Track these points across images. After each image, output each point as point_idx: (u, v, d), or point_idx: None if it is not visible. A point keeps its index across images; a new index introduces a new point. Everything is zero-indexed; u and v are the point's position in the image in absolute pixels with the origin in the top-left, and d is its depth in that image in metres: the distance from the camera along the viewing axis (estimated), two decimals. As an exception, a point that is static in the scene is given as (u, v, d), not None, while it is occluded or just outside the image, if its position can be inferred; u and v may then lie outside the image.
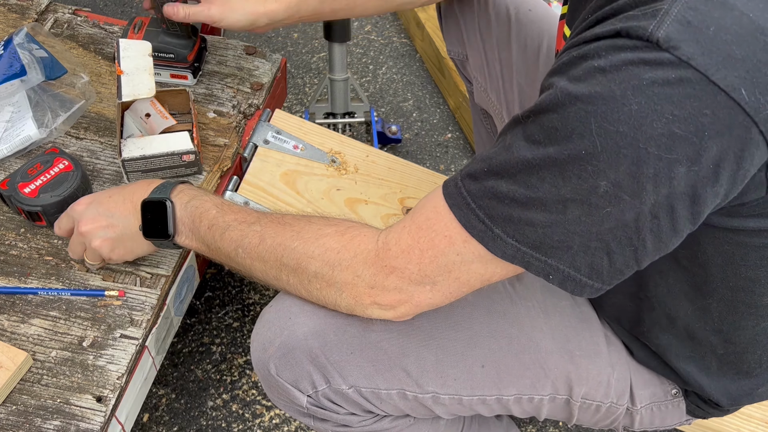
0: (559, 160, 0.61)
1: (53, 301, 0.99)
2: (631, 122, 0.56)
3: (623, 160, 0.58)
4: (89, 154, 1.15)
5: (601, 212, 0.61)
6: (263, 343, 0.86)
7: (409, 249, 0.72)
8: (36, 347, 0.95)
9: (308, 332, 0.84)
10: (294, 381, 0.86)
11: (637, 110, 0.56)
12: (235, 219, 0.82)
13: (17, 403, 0.90)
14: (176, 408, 1.41)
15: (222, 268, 1.60)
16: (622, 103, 0.56)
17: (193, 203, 0.87)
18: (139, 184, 0.93)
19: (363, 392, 0.86)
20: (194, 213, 0.86)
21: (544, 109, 0.61)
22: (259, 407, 1.42)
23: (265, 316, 0.88)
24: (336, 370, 0.84)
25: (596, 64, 0.58)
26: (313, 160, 1.22)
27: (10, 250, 1.03)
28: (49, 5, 1.36)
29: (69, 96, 1.18)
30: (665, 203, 0.60)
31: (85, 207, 0.94)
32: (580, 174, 0.60)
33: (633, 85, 0.56)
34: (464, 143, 1.92)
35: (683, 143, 0.57)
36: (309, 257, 0.77)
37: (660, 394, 0.92)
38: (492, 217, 0.66)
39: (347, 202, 1.18)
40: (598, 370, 0.89)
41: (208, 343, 1.50)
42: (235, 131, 1.21)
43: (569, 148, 0.60)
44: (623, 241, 0.63)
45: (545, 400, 0.91)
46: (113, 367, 0.94)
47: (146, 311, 0.99)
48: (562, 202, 0.62)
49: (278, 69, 1.34)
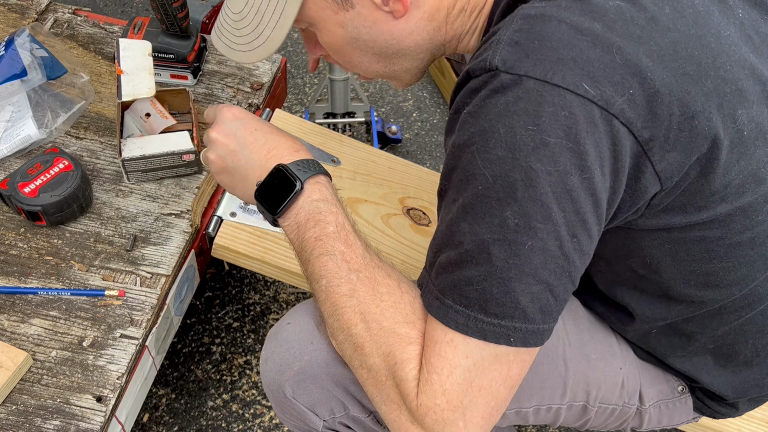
0: (467, 204, 0.64)
1: (53, 301, 0.99)
2: (504, 144, 0.61)
3: (516, 184, 0.61)
4: (89, 153, 1.15)
5: (524, 248, 0.62)
6: (280, 365, 0.83)
7: (428, 376, 0.67)
8: (36, 347, 0.95)
9: (330, 360, 0.81)
10: (311, 405, 0.84)
11: (504, 132, 0.61)
12: (342, 252, 0.75)
13: (17, 402, 0.90)
14: (176, 408, 1.41)
15: (222, 268, 1.60)
16: (491, 131, 0.61)
17: (320, 205, 0.78)
18: (288, 141, 0.83)
19: (380, 418, 0.85)
20: (313, 215, 0.78)
21: (449, 169, 0.67)
22: (259, 407, 1.42)
23: (282, 334, 0.85)
24: (355, 399, 0.83)
25: (466, 111, 0.65)
26: (313, 159, 1.22)
27: (10, 249, 1.03)
28: (49, 5, 1.36)
29: (69, 96, 1.18)
30: (576, 219, 0.62)
31: (232, 119, 0.84)
32: (486, 210, 0.62)
33: (495, 113, 0.61)
34: (464, 143, 1.92)
35: (562, 151, 0.60)
36: (371, 352, 0.72)
37: (667, 392, 0.91)
38: (442, 290, 0.66)
39: (347, 202, 1.18)
40: (613, 371, 0.89)
41: (208, 343, 1.50)
42: (235, 131, 1.21)
43: (471, 189, 0.63)
44: (558, 272, 0.63)
45: (563, 408, 0.90)
46: (113, 366, 0.94)
47: (146, 311, 0.99)
48: (485, 248, 0.63)
49: (278, 69, 1.34)
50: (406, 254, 1.14)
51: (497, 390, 0.66)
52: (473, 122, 0.63)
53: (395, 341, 0.69)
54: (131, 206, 1.09)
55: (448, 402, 0.66)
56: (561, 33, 0.62)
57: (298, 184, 0.77)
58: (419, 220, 1.19)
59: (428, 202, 1.21)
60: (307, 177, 0.78)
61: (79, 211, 1.06)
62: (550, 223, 0.61)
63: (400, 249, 1.14)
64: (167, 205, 1.10)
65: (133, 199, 1.10)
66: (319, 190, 0.78)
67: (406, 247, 1.14)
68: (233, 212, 1.12)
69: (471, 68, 0.65)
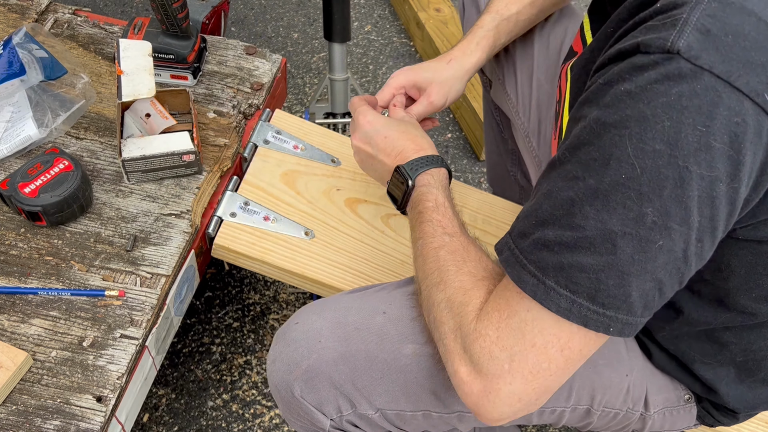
0: (600, 190, 0.59)
1: (53, 301, 0.99)
2: (665, 139, 0.56)
3: (665, 182, 0.57)
4: (89, 154, 1.15)
5: (653, 247, 0.59)
6: (288, 364, 0.84)
7: (487, 317, 0.69)
8: (36, 347, 0.95)
9: (338, 357, 0.82)
10: (318, 404, 0.84)
11: (669, 126, 0.56)
12: (438, 220, 0.83)
13: (17, 403, 0.90)
14: (176, 408, 1.41)
15: (222, 268, 1.60)
16: (654, 121, 0.56)
17: (423, 190, 0.88)
18: (414, 143, 0.93)
19: (388, 415, 0.86)
20: (419, 198, 0.88)
21: (580, 143, 0.61)
22: (259, 407, 1.42)
23: (289, 334, 0.86)
24: (363, 396, 0.84)
25: (623, 88, 0.59)
26: (313, 160, 1.22)
27: (10, 250, 1.03)
28: (49, 5, 1.36)
29: (69, 96, 1.18)
30: (708, 226, 0.60)
31: (368, 126, 0.96)
32: (624, 202, 0.59)
33: (662, 103, 0.56)
34: (464, 143, 1.92)
35: (722, 158, 0.56)
36: (446, 287, 0.76)
37: (673, 399, 0.91)
38: (543, 268, 0.63)
39: (347, 202, 1.18)
40: (619, 378, 0.89)
41: (208, 343, 1.50)
42: (235, 131, 1.21)
43: (609, 175, 0.59)
44: (673, 273, 0.62)
45: (567, 411, 0.91)
46: (113, 367, 0.94)
47: (146, 311, 0.99)
48: (611, 238, 0.60)
49: (278, 69, 1.34)
50: (406, 254, 1.14)
51: (551, 354, 0.65)
52: (632, 104, 0.58)
53: (471, 284, 0.74)
54: (131, 206, 1.10)
55: (499, 338, 0.66)
56: (759, 33, 0.56)
57: (410, 182, 0.88)
58: (419, 221, 1.19)
59: (428, 203, 1.21)
60: (418, 174, 0.88)
61: (80, 212, 1.06)
62: (685, 227, 0.59)
63: (400, 249, 1.14)
64: (167, 205, 1.10)
65: (133, 199, 1.10)
66: (426, 180, 0.88)
67: (406, 248, 1.15)
68: (233, 212, 1.12)
69: (644, 42, 0.58)
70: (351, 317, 0.86)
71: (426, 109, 1.07)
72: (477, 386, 0.68)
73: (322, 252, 1.11)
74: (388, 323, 0.85)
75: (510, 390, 0.67)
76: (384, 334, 0.85)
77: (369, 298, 0.91)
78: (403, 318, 0.86)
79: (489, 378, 0.67)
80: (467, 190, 1.25)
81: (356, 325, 0.85)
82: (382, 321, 0.86)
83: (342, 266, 1.10)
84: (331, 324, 0.84)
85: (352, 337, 0.83)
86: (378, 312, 0.87)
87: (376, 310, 0.87)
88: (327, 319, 0.85)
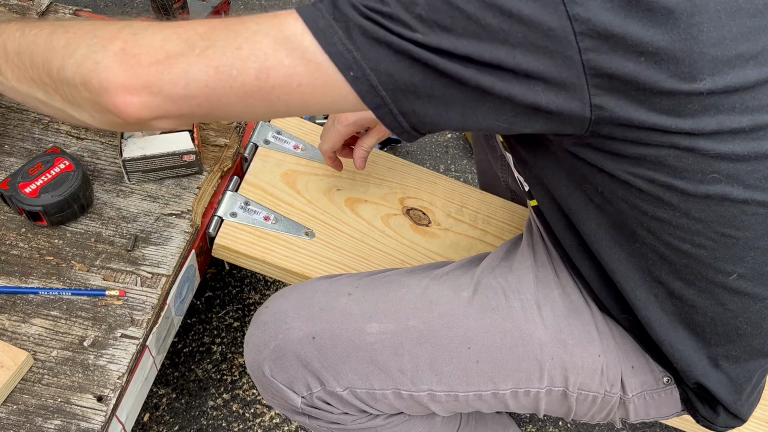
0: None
1: (54, 301, 0.99)
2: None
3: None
4: (90, 154, 1.15)
5: None
6: (258, 345, 0.88)
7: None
8: (37, 347, 0.95)
9: (303, 336, 0.85)
10: (288, 383, 0.87)
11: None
12: (23, 25, 0.70)
13: (18, 402, 0.90)
14: (177, 408, 1.41)
15: (222, 268, 1.60)
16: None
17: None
18: None
19: (358, 393, 0.87)
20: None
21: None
22: (259, 407, 1.42)
23: (259, 317, 0.90)
24: (330, 374, 0.86)
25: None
26: (313, 160, 1.22)
27: (11, 250, 1.03)
28: (50, 6, 1.36)
29: (70, 96, 1.18)
30: None
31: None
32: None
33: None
34: (464, 143, 1.92)
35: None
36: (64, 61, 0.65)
37: (651, 382, 0.91)
38: None
39: (347, 201, 1.19)
40: (591, 358, 0.90)
41: (209, 343, 1.50)
42: (236, 131, 1.21)
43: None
44: None
45: (542, 393, 0.91)
46: (114, 366, 0.94)
47: (147, 311, 0.99)
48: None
49: (278, 69, 1.34)
50: (406, 254, 1.14)
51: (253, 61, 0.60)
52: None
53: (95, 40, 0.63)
54: (132, 206, 1.10)
55: (206, 32, 0.63)
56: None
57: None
58: (419, 221, 1.19)
59: (428, 202, 1.21)
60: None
61: (80, 212, 1.06)
62: None
63: (400, 249, 1.14)
64: (168, 205, 1.10)
65: (133, 199, 1.11)
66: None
67: (406, 248, 1.15)
68: (234, 212, 1.12)
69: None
70: (316, 298, 0.89)
71: (378, 138, 1.08)
72: (130, 69, 0.61)
73: (322, 252, 1.12)
74: (352, 303, 0.88)
75: (181, 73, 0.61)
76: (348, 313, 0.87)
77: (337, 282, 0.94)
78: (367, 299, 0.89)
79: (167, 59, 0.60)
80: (467, 190, 1.26)
81: (321, 305, 0.88)
82: (347, 301, 0.89)
83: (342, 266, 1.11)
84: (297, 305, 0.88)
85: (317, 316, 0.86)
86: (343, 293, 0.90)
87: (342, 291, 0.91)
88: (293, 301, 0.89)
